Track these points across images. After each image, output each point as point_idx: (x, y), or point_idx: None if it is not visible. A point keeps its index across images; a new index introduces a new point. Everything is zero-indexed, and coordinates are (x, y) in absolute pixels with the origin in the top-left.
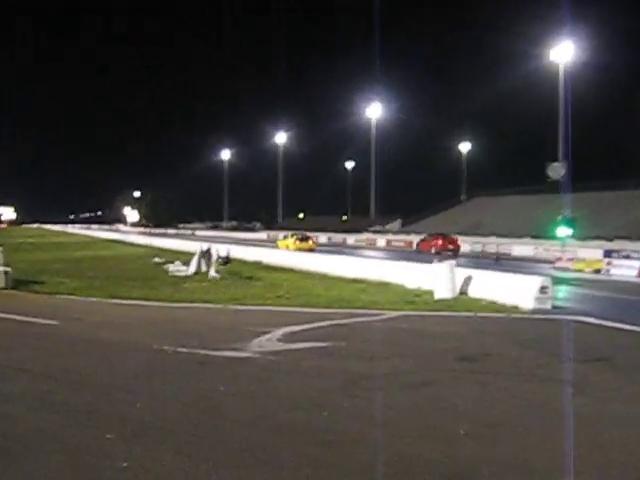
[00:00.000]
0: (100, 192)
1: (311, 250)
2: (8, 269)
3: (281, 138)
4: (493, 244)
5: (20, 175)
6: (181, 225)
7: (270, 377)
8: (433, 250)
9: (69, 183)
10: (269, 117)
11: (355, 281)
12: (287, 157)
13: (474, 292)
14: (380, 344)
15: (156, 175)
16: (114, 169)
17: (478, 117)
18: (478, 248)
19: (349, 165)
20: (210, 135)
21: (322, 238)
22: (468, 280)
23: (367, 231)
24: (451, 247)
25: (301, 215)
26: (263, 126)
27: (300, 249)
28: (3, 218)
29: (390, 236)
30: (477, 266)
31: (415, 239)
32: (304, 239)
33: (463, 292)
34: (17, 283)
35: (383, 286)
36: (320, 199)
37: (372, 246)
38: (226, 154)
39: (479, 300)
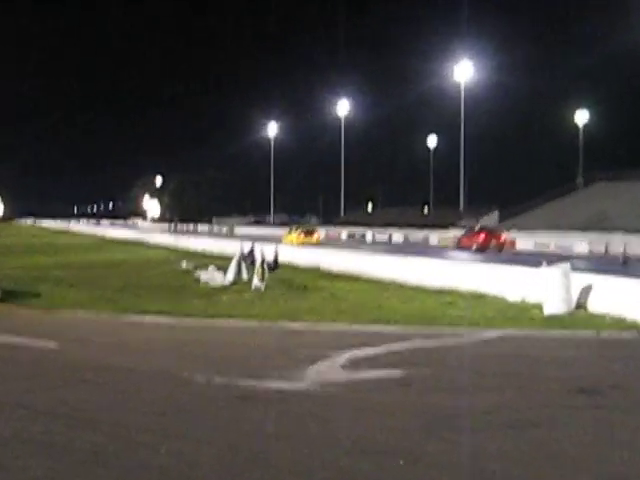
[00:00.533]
0: (112, 179)
1: (316, 244)
2: None
3: (343, 108)
4: (620, 242)
5: (9, 158)
6: (215, 220)
7: (331, 416)
8: (474, 247)
9: (73, 168)
10: (326, 83)
11: (441, 292)
12: (350, 133)
13: (595, 305)
14: (473, 373)
15: (183, 158)
16: (130, 150)
17: (594, 79)
18: (600, 248)
19: (431, 141)
20: (252, 107)
21: (396, 236)
22: (587, 289)
23: (455, 227)
24: (495, 243)
25: (369, 207)
26: (319, 95)
27: (304, 244)
28: None
29: None
30: (598, 271)
31: (518, 237)
32: (309, 233)
33: (581, 305)
34: (7, 295)
35: (477, 298)
36: (394, 186)
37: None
38: (272, 129)
39: (601, 316)
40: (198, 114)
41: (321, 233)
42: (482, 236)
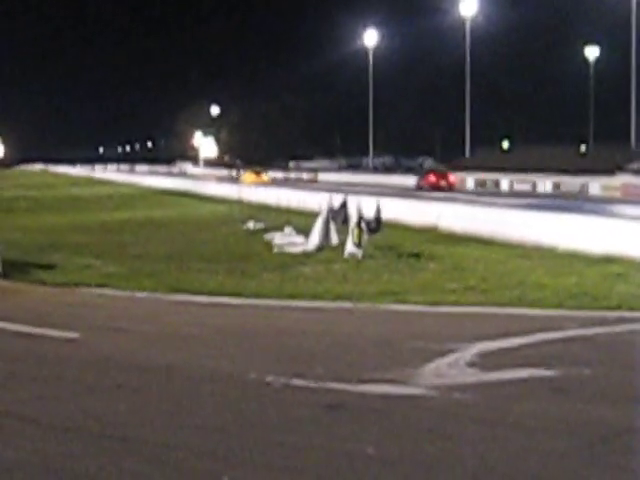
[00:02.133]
0: (150, 112)
1: (266, 183)
2: None
3: (468, 7)
4: None
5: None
6: (293, 164)
7: (455, 432)
8: (427, 187)
9: (98, 97)
10: None
11: (605, 260)
12: (479, 43)
13: None
14: None
15: (247, 81)
16: (174, 71)
17: None
18: None
19: (591, 53)
20: (342, 10)
21: (543, 184)
22: None
23: (624, 171)
24: (443, 183)
25: (505, 144)
26: None
27: (255, 183)
28: None
29: None
30: None
31: None
32: (257, 173)
33: None
34: (10, 267)
35: None
36: (539, 117)
37: (633, 197)
38: (371, 39)
39: None
40: (266, 21)
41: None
42: (431, 177)
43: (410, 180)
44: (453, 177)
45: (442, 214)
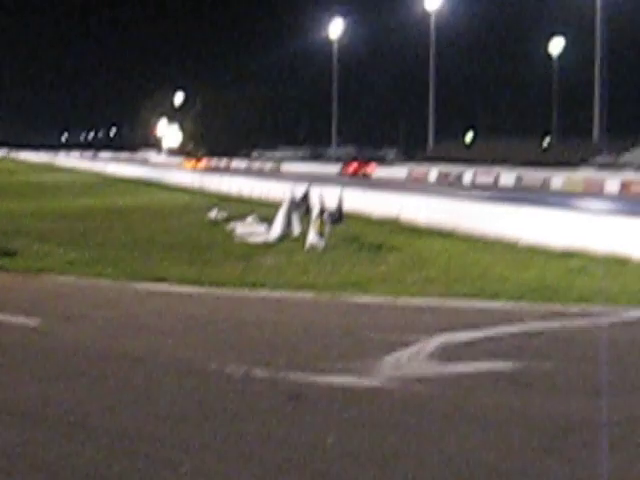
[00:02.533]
0: (115, 97)
1: (194, 169)
2: None
3: (433, 0)
4: None
5: None
6: (256, 153)
7: (415, 424)
8: (347, 174)
9: (60, 81)
10: None
11: (565, 255)
12: (443, 35)
13: None
14: (612, 368)
15: (212, 68)
16: (138, 57)
17: None
18: None
19: (555, 47)
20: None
21: (506, 177)
22: None
23: (587, 165)
24: (362, 172)
25: (469, 136)
26: None
27: (194, 169)
28: None
29: (629, 175)
30: None
31: None
32: (198, 160)
33: None
34: None
35: (617, 263)
36: (502, 110)
37: (595, 192)
38: (336, 29)
39: None
40: (232, 8)
41: (402, 170)
42: (354, 165)
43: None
44: (372, 167)
45: (404, 205)
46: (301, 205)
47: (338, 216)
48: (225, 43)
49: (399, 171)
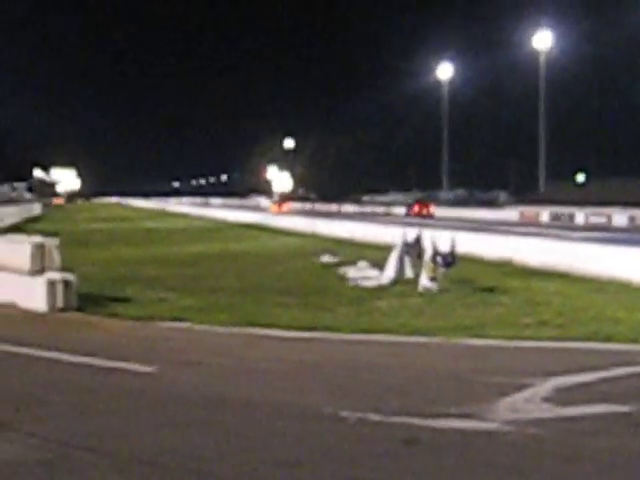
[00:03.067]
0: (226, 144)
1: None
2: (69, 277)
3: (543, 41)
4: None
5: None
6: (367, 198)
7: (533, 467)
8: (413, 213)
9: (171, 130)
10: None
11: None
12: (554, 77)
13: None
14: None
15: (321, 115)
16: (248, 106)
17: None
18: None
19: None
20: (416, 43)
21: (619, 218)
22: None
23: None
24: (424, 212)
25: (580, 177)
26: (508, 25)
27: (279, 213)
28: (59, 188)
29: None
30: None
31: None
32: (279, 204)
33: None
34: (85, 301)
35: None
36: (613, 150)
37: None
38: (446, 72)
39: None
40: (341, 55)
41: (512, 212)
42: (416, 207)
43: (485, 213)
44: (432, 208)
45: (517, 247)
46: (414, 248)
47: (451, 259)
48: (334, 88)
49: (510, 213)
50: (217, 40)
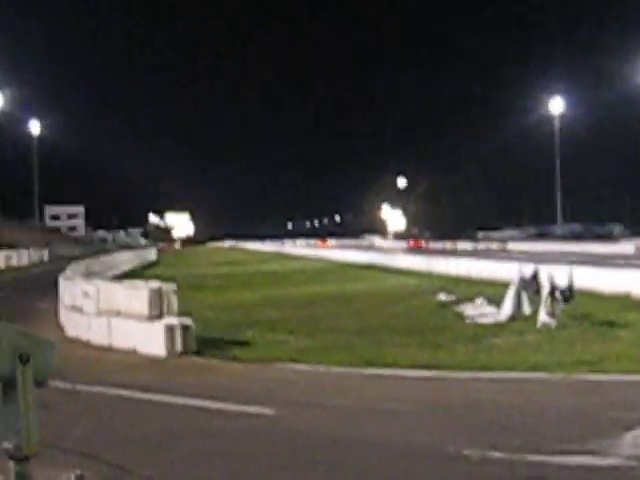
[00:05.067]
0: (338, 185)
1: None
2: (187, 321)
3: None
4: None
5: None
6: (480, 234)
7: None
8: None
9: (284, 171)
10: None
11: None
12: None
13: None
14: None
15: (432, 153)
16: (359, 147)
17: None
18: None
19: None
20: (526, 78)
21: None
22: None
23: None
24: (418, 245)
25: None
26: (617, 60)
27: (323, 247)
28: (176, 233)
29: None
30: None
31: None
32: (323, 241)
33: None
34: (203, 344)
35: None
36: None
37: None
38: (557, 106)
39: None
40: (449, 90)
41: (627, 246)
42: (411, 242)
43: (600, 247)
44: (423, 242)
45: (634, 281)
46: (531, 284)
47: (569, 294)
48: (444, 125)
49: (626, 247)
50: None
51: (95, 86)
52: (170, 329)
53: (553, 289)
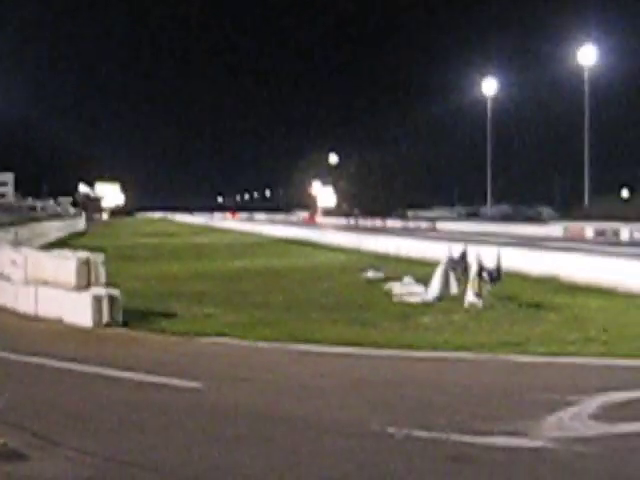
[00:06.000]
0: (269, 160)
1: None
2: (114, 292)
3: (587, 56)
4: None
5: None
6: (410, 213)
7: None
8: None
9: (217, 146)
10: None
11: None
12: (598, 91)
13: None
14: None
15: (364, 130)
16: (291, 120)
17: None
18: None
19: None
20: (456, 58)
21: None
22: None
23: None
24: (312, 220)
25: (625, 192)
26: (551, 40)
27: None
28: (104, 203)
29: None
30: None
31: None
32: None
33: None
34: (130, 316)
35: None
36: None
37: None
38: (489, 87)
39: None
40: (383, 69)
41: (556, 228)
42: (307, 216)
43: (529, 229)
44: (318, 218)
45: (561, 264)
46: (459, 264)
47: (497, 275)
48: (378, 103)
49: (555, 229)
50: (261, 54)
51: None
52: (97, 299)
53: (481, 269)
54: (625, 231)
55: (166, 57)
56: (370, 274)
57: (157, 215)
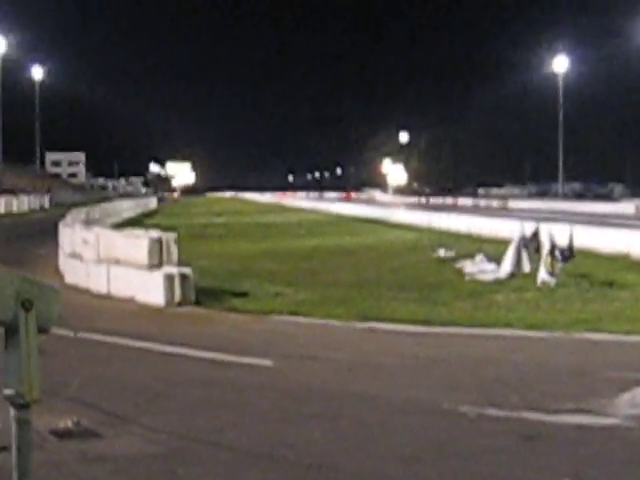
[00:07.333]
0: (340, 138)
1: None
2: (187, 271)
3: None
4: None
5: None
6: (482, 191)
7: None
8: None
9: (286, 125)
10: None
11: None
12: None
13: None
14: None
15: (435, 107)
16: (361, 100)
17: None
18: None
19: None
20: (529, 36)
21: None
22: None
23: None
24: (349, 197)
25: None
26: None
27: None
28: (175, 183)
29: None
30: None
31: None
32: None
33: None
34: (203, 295)
35: None
36: None
37: None
38: (560, 64)
39: None
40: (454, 46)
41: (628, 206)
42: (344, 194)
43: (601, 207)
44: (353, 194)
45: (634, 241)
46: (531, 242)
47: (569, 253)
48: (448, 82)
49: (626, 207)
50: (334, 36)
51: (98, 32)
52: (169, 278)
53: (553, 247)
54: None
55: (241, 39)
56: (441, 252)
57: (227, 194)
